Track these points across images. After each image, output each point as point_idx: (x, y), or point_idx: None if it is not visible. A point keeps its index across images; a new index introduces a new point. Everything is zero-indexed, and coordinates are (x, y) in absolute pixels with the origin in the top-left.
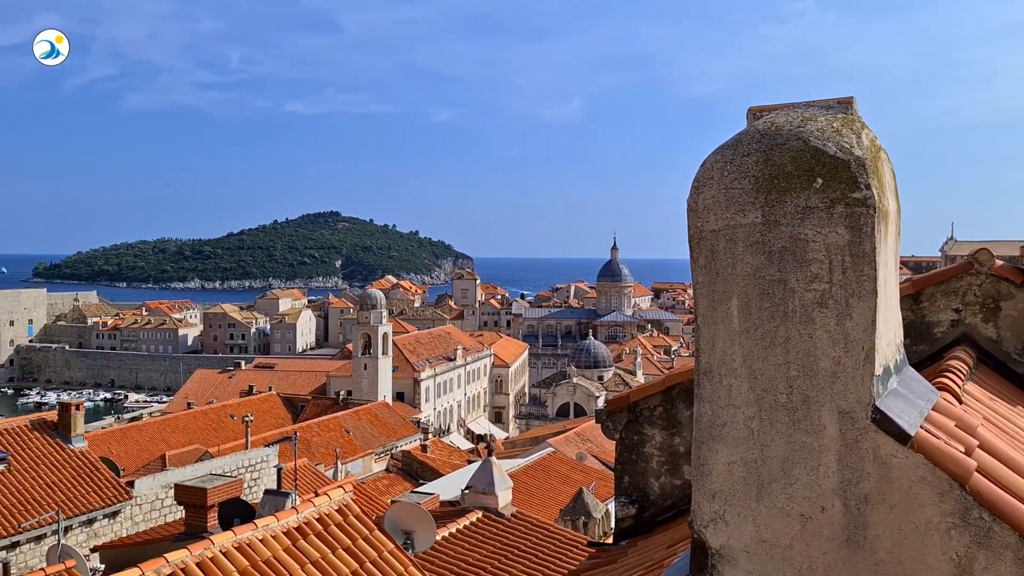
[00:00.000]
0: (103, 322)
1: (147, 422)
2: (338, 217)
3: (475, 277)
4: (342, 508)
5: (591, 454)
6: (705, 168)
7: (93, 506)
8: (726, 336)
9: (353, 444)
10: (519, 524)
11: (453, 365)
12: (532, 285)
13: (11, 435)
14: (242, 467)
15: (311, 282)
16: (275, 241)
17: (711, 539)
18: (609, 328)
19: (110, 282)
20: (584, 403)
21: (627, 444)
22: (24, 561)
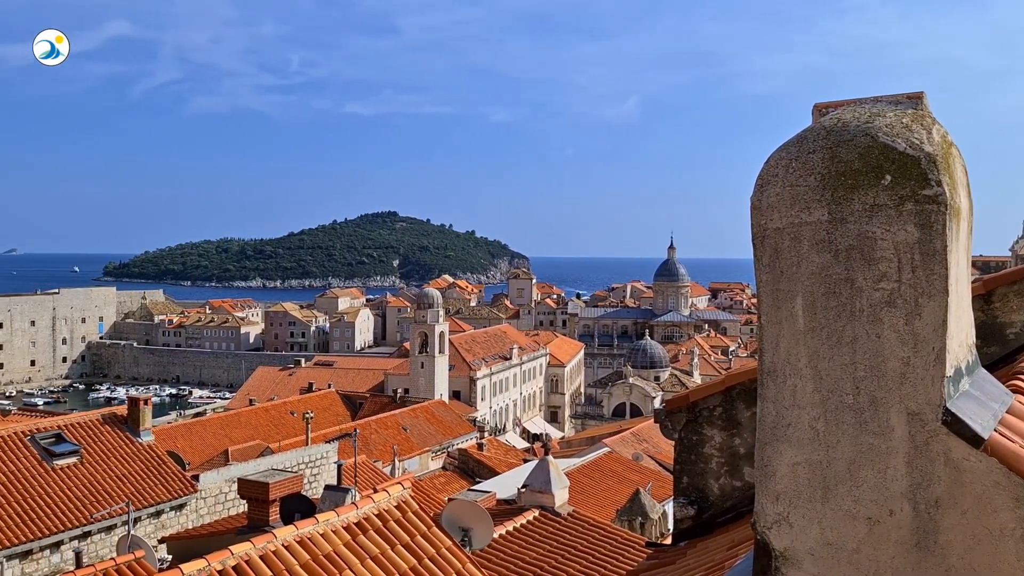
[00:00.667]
0: (169, 320)
1: (211, 418)
2: (396, 217)
3: (531, 276)
4: (401, 504)
5: (647, 454)
6: (769, 165)
7: (160, 498)
8: (790, 335)
9: (410, 442)
10: (576, 523)
11: (509, 364)
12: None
13: (83, 428)
14: (302, 463)
15: (369, 281)
16: (334, 241)
17: (775, 541)
18: (666, 328)
19: (175, 281)
20: (640, 403)
21: (686, 444)
22: (95, 551)
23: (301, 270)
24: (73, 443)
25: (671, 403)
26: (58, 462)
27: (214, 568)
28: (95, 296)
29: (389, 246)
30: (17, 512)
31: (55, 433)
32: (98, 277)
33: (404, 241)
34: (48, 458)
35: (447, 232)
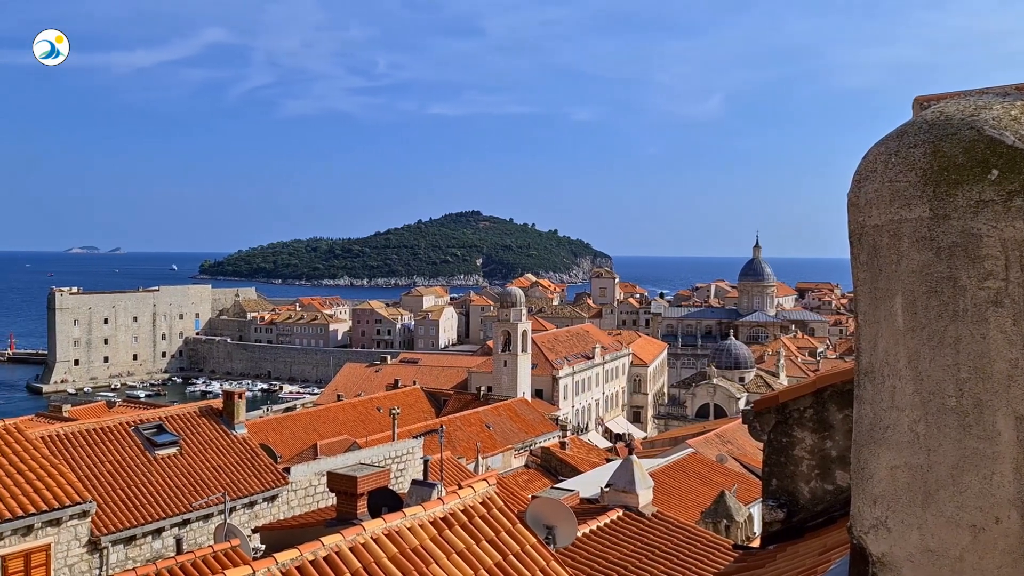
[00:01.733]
0: (261, 317)
1: (300, 412)
2: (479, 216)
3: (614, 276)
4: (486, 501)
5: (732, 456)
6: (868, 161)
7: (254, 489)
8: (889, 335)
9: (493, 439)
10: (660, 524)
11: (591, 363)
12: (671, 284)
13: (182, 420)
14: (389, 458)
15: (453, 280)
16: (419, 240)
17: (872, 546)
18: (751, 328)
19: (267, 279)
20: (724, 404)
21: (775, 446)
22: (194, 538)
23: (387, 269)
24: (173, 434)
25: (760, 404)
26: (159, 452)
27: (306, 558)
28: (192, 293)
29: (472, 245)
30: (122, 499)
31: (157, 424)
32: (195, 275)
33: (487, 240)
34: (150, 448)
35: (530, 231)
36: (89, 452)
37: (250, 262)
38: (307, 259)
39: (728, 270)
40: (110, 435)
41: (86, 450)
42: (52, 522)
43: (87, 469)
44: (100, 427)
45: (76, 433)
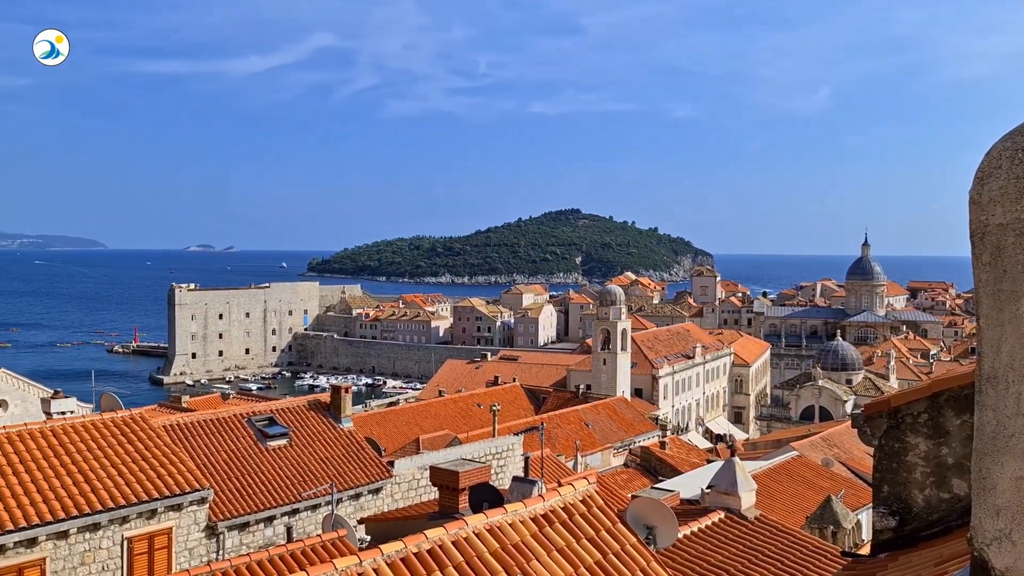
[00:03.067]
0: (365, 313)
1: (403, 407)
2: (578, 214)
3: (715, 274)
4: (586, 499)
5: (839, 460)
6: (991, 157)
7: (359, 482)
8: (1015, 339)
9: (592, 437)
10: (763, 528)
11: (692, 363)
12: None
13: (292, 413)
14: (489, 454)
15: (552, 278)
16: (519, 238)
17: (994, 559)
18: (858, 329)
19: (372, 276)
20: (830, 407)
21: (886, 452)
22: (303, 527)
23: (487, 266)
24: (283, 426)
25: (870, 407)
26: (271, 443)
27: (410, 551)
28: (300, 290)
29: (572, 243)
30: (237, 488)
31: (268, 416)
32: (303, 272)
33: (587, 238)
34: (262, 439)
35: (629, 229)
36: (206, 441)
37: (356, 260)
38: (410, 257)
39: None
40: (226, 426)
41: (204, 439)
42: (173, 507)
43: (205, 458)
44: (216, 418)
45: (195, 423)
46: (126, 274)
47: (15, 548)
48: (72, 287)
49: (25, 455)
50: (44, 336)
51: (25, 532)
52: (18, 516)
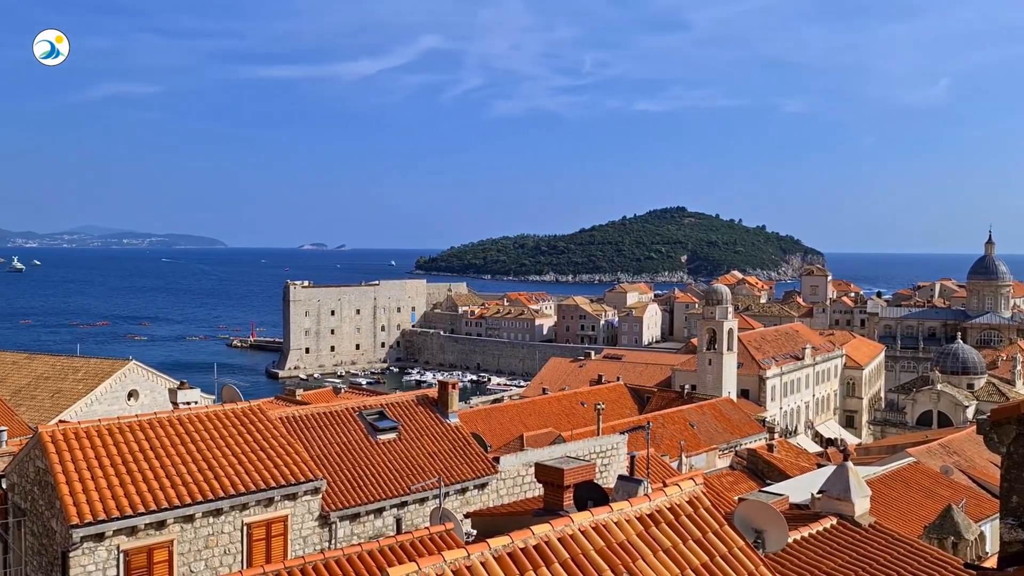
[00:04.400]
0: (471, 311)
1: (507, 404)
2: (684, 212)
3: (826, 273)
4: (692, 500)
5: (959, 468)
6: None
7: (466, 476)
8: None
9: (697, 438)
10: (877, 536)
11: (801, 364)
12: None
13: (401, 408)
14: (594, 452)
15: (657, 276)
16: (623, 236)
17: None
18: (981, 331)
19: (477, 274)
20: (950, 412)
21: (1015, 460)
22: (411, 519)
23: (591, 265)
24: (393, 420)
25: (998, 413)
26: (381, 437)
27: (517, 545)
28: (408, 288)
29: (677, 241)
30: (349, 479)
31: (378, 411)
32: (411, 270)
33: (692, 236)
34: (373, 432)
35: (736, 227)
36: (320, 434)
37: (462, 258)
38: (515, 255)
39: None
40: (338, 419)
41: (317, 432)
42: (289, 496)
43: (318, 449)
44: (329, 411)
45: (309, 416)
46: (243, 272)
47: (146, 530)
48: (194, 283)
49: (155, 442)
50: (169, 330)
51: (155, 515)
52: (148, 500)
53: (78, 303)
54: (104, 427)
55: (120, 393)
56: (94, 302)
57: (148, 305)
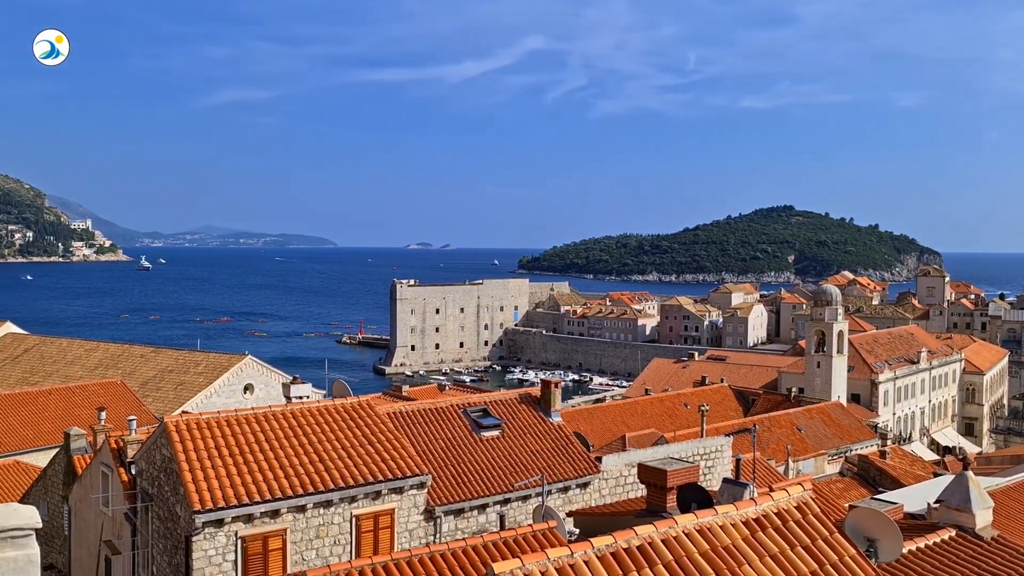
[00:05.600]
0: (573, 310)
1: (609, 404)
2: (792, 211)
3: (943, 274)
4: (801, 505)
5: None
6: None
7: (568, 475)
8: None
9: (804, 442)
10: (1000, 550)
11: (916, 368)
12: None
13: (504, 405)
14: (697, 454)
15: (763, 277)
16: (728, 236)
17: None
18: None
19: (579, 274)
20: None
21: None
22: (514, 516)
23: (695, 265)
24: (496, 418)
25: None
26: (484, 434)
27: (620, 546)
28: (511, 287)
29: (784, 241)
30: (453, 475)
31: (482, 408)
32: (514, 270)
33: (800, 236)
34: (477, 429)
35: (847, 226)
36: (426, 429)
37: (564, 257)
38: (617, 255)
39: None
40: (443, 415)
41: (423, 427)
42: (396, 490)
43: (424, 445)
44: (435, 407)
45: (415, 412)
46: (351, 270)
47: (261, 518)
48: (304, 281)
49: (269, 434)
50: (282, 326)
51: (270, 504)
52: (264, 489)
53: (197, 299)
54: (223, 418)
55: (237, 386)
56: (212, 298)
57: (262, 302)
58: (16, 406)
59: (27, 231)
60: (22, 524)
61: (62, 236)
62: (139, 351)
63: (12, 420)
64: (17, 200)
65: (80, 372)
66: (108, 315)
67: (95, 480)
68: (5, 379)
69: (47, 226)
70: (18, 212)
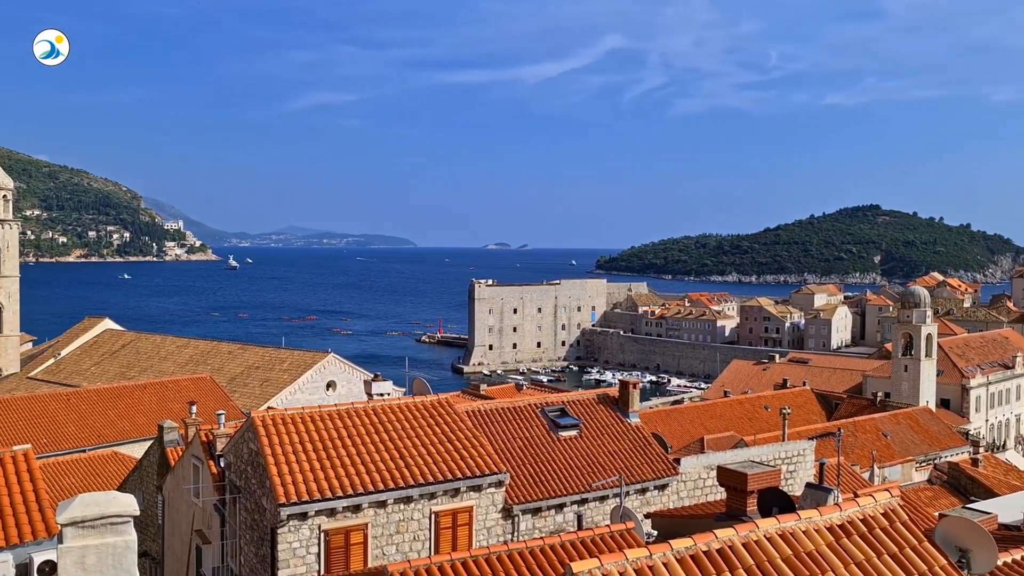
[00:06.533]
0: (651, 311)
1: (688, 406)
2: (878, 211)
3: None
4: (888, 512)
5: None
6: None
7: (646, 476)
8: None
9: (890, 448)
10: None
11: (1011, 374)
12: None
13: (582, 406)
14: (778, 458)
15: (847, 278)
16: (811, 236)
17: None
18: None
19: (657, 274)
20: None
21: None
22: (591, 517)
23: (776, 265)
24: (574, 418)
25: None
26: (562, 433)
27: (700, 548)
28: (589, 287)
29: (870, 241)
30: (531, 473)
31: (560, 408)
32: (591, 270)
33: (887, 235)
34: (554, 429)
35: (937, 226)
36: (503, 428)
37: (642, 258)
38: (696, 255)
39: None
40: (521, 415)
41: (501, 426)
42: (474, 488)
43: (502, 443)
44: (513, 406)
45: (493, 410)
46: (428, 270)
47: (343, 512)
48: (383, 280)
49: (351, 430)
50: (362, 324)
51: (352, 499)
52: (346, 484)
53: (282, 298)
54: (307, 414)
55: (320, 383)
56: (296, 297)
57: (344, 301)
58: (114, 400)
59: (124, 232)
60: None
61: (156, 236)
62: (227, 348)
63: (111, 413)
64: (115, 202)
65: (172, 367)
66: (199, 312)
67: (187, 472)
68: (104, 373)
69: (142, 227)
70: (116, 213)
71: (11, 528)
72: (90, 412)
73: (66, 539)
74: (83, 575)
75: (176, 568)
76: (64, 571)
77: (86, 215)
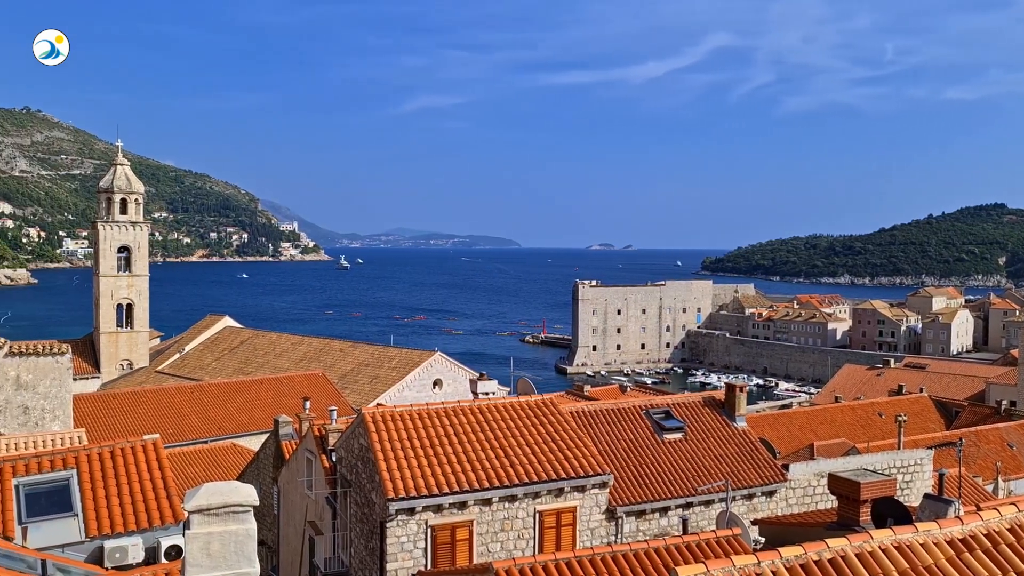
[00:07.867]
0: (758, 313)
1: (796, 411)
2: (1003, 210)
3: None
4: (1015, 527)
5: None
6: None
7: (752, 482)
8: None
9: (1016, 460)
10: None
11: None
12: None
13: (687, 408)
14: (893, 467)
15: (968, 280)
16: (929, 236)
17: None
18: None
19: (765, 275)
20: None
21: None
22: (696, 521)
23: (891, 267)
24: (679, 420)
25: None
26: (667, 436)
27: (810, 557)
28: (694, 288)
29: (994, 241)
30: (635, 476)
31: (665, 410)
32: (696, 271)
33: (1013, 236)
34: (659, 431)
35: None
36: (607, 429)
37: (749, 259)
38: (806, 256)
39: None
40: (625, 416)
41: (605, 427)
42: (578, 488)
43: (605, 444)
44: (617, 408)
45: (597, 411)
46: (531, 270)
47: (450, 509)
48: (487, 280)
49: (458, 428)
50: (467, 324)
51: (458, 496)
52: (452, 481)
53: (391, 297)
54: (415, 411)
55: (427, 381)
56: (404, 296)
57: (450, 300)
58: (233, 394)
59: (243, 233)
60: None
61: (272, 237)
62: (338, 345)
63: (230, 407)
64: (235, 204)
65: (287, 364)
66: (312, 311)
67: (300, 465)
68: (224, 368)
69: (259, 228)
70: (235, 215)
71: (141, 513)
72: (211, 405)
73: (193, 526)
74: (208, 560)
75: (290, 557)
76: (191, 556)
77: (208, 217)
